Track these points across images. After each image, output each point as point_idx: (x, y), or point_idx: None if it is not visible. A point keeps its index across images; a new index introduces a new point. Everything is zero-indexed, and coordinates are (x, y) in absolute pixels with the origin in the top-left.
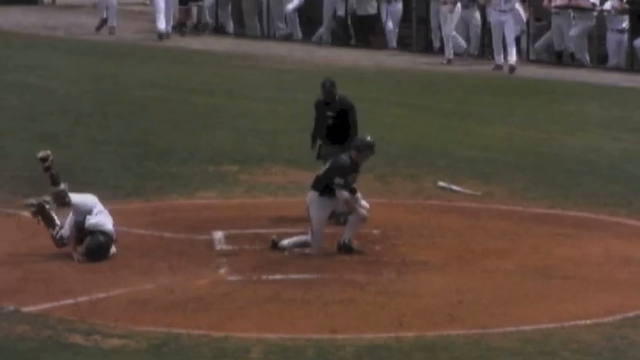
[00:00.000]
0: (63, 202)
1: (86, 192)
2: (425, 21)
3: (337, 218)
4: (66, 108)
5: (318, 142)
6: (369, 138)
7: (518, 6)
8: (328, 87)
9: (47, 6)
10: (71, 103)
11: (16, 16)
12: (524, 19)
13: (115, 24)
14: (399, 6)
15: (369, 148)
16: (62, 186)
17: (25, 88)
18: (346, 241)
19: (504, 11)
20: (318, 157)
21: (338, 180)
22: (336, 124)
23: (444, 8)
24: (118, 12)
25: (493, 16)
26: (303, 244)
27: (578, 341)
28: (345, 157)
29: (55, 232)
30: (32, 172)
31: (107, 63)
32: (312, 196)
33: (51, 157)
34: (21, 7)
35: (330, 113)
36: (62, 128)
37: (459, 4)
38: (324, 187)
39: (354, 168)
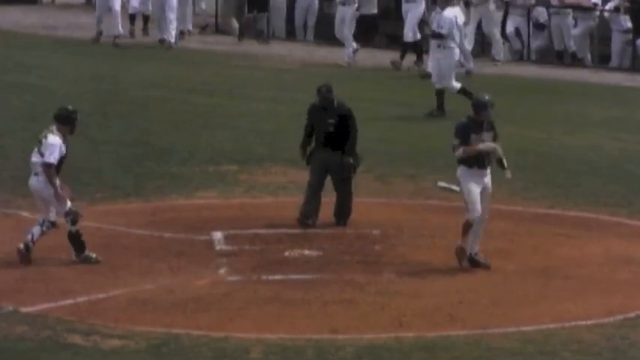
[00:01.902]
0: None
1: (85, 192)
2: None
3: (338, 221)
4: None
5: (309, 148)
6: (481, 96)
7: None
8: (325, 92)
9: (47, 5)
10: (71, 103)
11: (16, 16)
12: (461, 21)
13: (121, 31)
14: (421, 7)
15: (482, 105)
16: None
17: (25, 88)
18: (473, 254)
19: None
20: (309, 162)
21: (454, 141)
22: (336, 131)
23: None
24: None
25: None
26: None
27: (578, 341)
28: (462, 119)
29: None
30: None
31: (107, 63)
32: (459, 171)
33: None
34: (20, 7)
35: (331, 120)
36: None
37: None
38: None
39: (477, 127)
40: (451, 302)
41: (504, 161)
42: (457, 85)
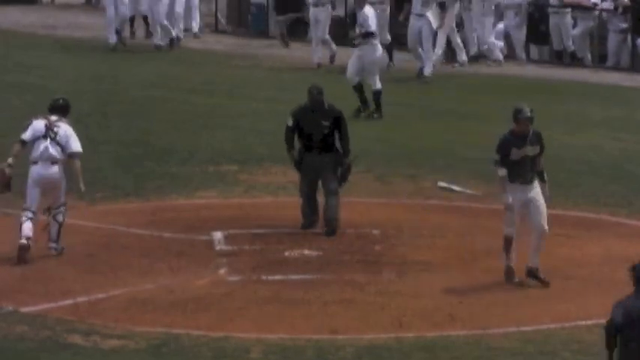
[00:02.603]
0: None
1: (85, 192)
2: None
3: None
4: None
5: (295, 151)
6: (519, 105)
7: (429, 13)
8: (316, 94)
9: (46, 5)
10: (71, 103)
11: (16, 16)
12: (434, 25)
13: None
14: (387, 10)
15: (518, 113)
16: None
17: (25, 88)
18: (533, 268)
19: (421, 15)
20: (299, 166)
21: (495, 156)
22: (330, 133)
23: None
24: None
25: (410, 21)
26: None
27: (578, 341)
28: (505, 133)
29: None
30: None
31: (107, 63)
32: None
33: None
34: (20, 7)
35: (325, 122)
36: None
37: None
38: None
39: (519, 140)
40: (451, 302)
41: (545, 176)
42: (379, 85)
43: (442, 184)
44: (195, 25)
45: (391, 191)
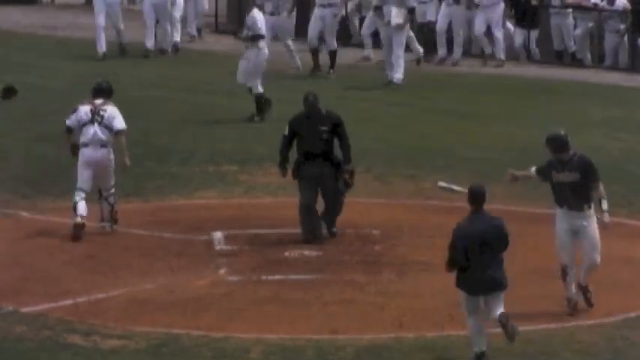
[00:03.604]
0: None
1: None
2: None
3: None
4: (65, 108)
5: (289, 160)
6: (549, 132)
7: (393, 12)
8: (313, 100)
9: (47, 5)
10: (71, 103)
11: (16, 16)
12: (394, 22)
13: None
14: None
15: (546, 142)
16: None
17: (24, 88)
18: (582, 285)
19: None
20: (298, 175)
21: (539, 178)
22: (328, 139)
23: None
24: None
25: (382, 30)
26: None
27: (579, 342)
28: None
29: None
30: (31, 171)
31: (107, 63)
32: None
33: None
34: (20, 7)
35: (323, 128)
36: (61, 128)
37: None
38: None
39: (560, 164)
40: (451, 302)
41: (603, 204)
42: (260, 89)
43: (442, 184)
44: (192, 30)
45: (391, 191)
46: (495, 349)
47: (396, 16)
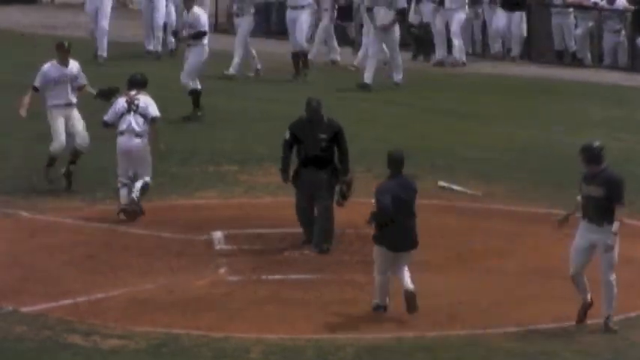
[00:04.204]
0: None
1: (85, 192)
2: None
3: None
4: None
5: (292, 167)
6: (584, 143)
7: (381, 12)
8: (316, 106)
9: (46, 5)
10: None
11: (15, 15)
12: (379, 23)
13: (105, 54)
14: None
15: (580, 151)
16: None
17: (24, 88)
18: (608, 320)
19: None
20: (295, 183)
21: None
22: (328, 148)
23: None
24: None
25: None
26: None
27: (579, 342)
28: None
29: None
30: (32, 171)
31: (106, 62)
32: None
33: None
34: (20, 6)
35: (323, 135)
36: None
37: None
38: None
39: (589, 176)
40: (451, 302)
41: (614, 225)
42: (198, 86)
43: (442, 183)
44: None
45: None
46: (495, 349)
47: (384, 17)
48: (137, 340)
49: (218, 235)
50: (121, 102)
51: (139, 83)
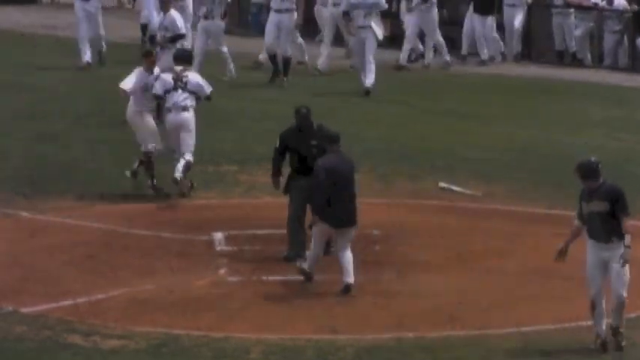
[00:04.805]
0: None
1: (85, 192)
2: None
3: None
4: (65, 108)
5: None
6: (580, 161)
7: (373, 24)
8: (305, 113)
9: (47, 5)
10: (70, 103)
11: (15, 15)
12: (380, 36)
13: (90, 60)
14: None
15: (575, 168)
16: None
17: (25, 88)
18: (613, 326)
19: (364, 27)
20: (287, 190)
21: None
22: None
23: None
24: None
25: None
26: None
27: (579, 342)
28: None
29: None
30: (32, 171)
31: (106, 62)
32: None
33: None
34: (20, 6)
35: (314, 142)
36: (61, 128)
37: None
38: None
39: (588, 193)
40: (451, 302)
41: (626, 239)
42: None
43: (442, 184)
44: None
45: (392, 191)
46: (495, 349)
47: (378, 28)
48: (137, 340)
49: (218, 235)
50: (168, 78)
51: (185, 59)
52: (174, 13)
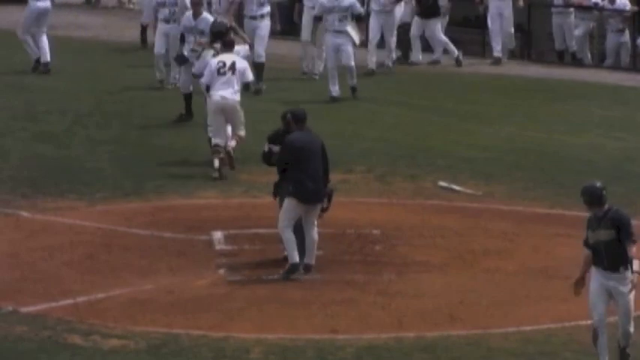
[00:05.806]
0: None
1: (85, 192)
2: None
3: None
4: (65, 107)
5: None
6: (585, 185)
7: (349, 29)
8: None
9: None
10: (70, 103)
11: (15, 15)
12: (357, 40)
13: (49, 59)
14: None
15: (581, 193)
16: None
17: (24, 88)
18: (625, 346)
19: (339, 32)
20: (276, 194)
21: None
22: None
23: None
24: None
25: (327, 39)
26: None
27: (579, 342)
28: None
29: None
30: (32, 171)
31: (106, 62)
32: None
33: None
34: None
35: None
36: (61, 128)
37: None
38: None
39: (594, 221)
40: (451, 302)
41: (635, 265)
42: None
43: (442, 184)
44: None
45: (391, 191)
46: (495, 349)
47: (354, 32)
48: (137, 340)
49: (218, 235)
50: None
51: (229, 45)
52: (207, 15)
